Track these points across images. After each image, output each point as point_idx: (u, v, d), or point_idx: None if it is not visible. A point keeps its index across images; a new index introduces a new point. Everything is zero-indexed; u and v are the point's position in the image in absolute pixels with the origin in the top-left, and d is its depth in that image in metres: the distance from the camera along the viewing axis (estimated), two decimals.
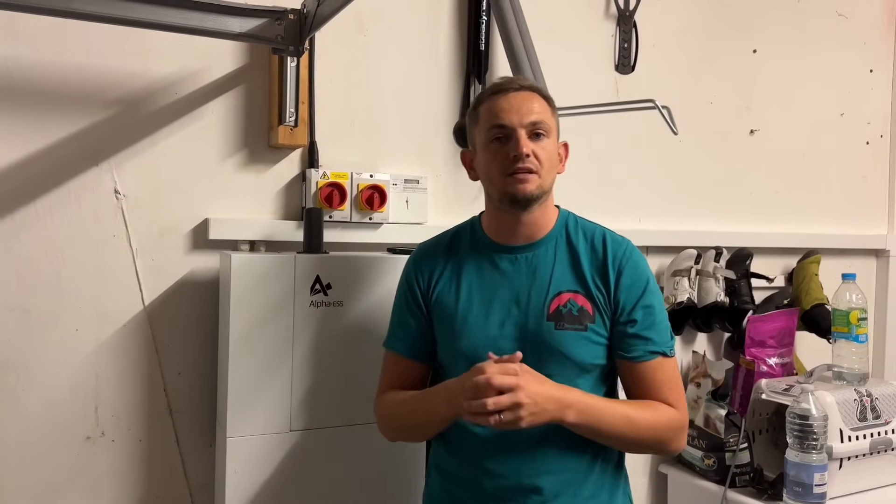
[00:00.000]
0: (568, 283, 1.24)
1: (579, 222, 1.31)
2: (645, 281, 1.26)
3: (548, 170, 1.22)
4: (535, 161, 1.20)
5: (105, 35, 1.46)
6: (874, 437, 1.77)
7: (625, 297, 1.24)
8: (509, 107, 1.21)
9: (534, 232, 1.27)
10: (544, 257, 1.26)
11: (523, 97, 1.22)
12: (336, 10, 1.30)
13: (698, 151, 2.15)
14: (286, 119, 1.53)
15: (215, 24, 1.36)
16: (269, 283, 1.40)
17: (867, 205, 2.48)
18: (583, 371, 1.23)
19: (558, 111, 1.30)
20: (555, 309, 1.22)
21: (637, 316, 1.23)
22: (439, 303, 1.28)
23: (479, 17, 1.80)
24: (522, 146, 1.19)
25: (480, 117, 1.25)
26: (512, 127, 1.20)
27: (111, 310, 1.50)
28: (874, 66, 2.46)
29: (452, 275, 1.29)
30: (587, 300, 1.23)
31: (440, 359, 1.32)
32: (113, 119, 1.49)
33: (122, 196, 1.50)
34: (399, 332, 1.33)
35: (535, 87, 1.26)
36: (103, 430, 1.50)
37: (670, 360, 1.25)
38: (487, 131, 1.23)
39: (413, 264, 1.34)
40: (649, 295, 1.25)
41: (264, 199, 1.62)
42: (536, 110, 1.21)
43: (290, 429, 1.42)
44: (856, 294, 1.88)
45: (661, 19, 2.07)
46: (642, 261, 1.28)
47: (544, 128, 1.22)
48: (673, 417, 1.23)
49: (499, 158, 1.21)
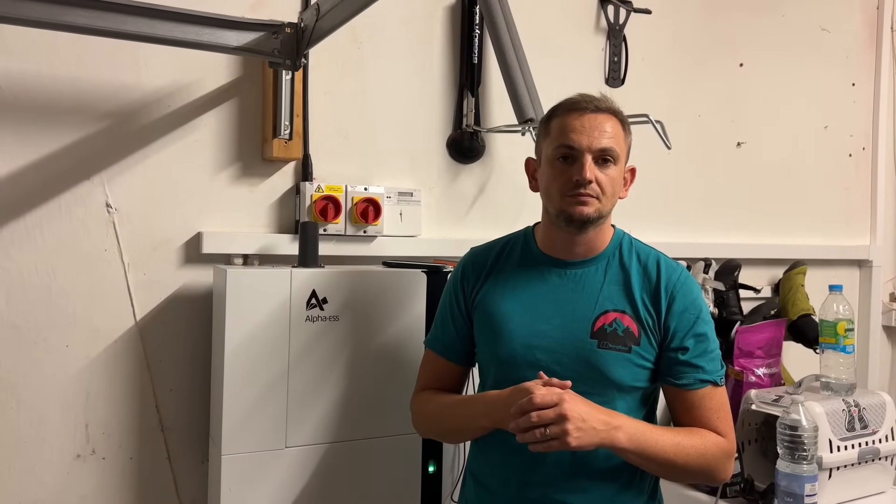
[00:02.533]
0: (616, 302, 1.22)
1: (634, 244, 1.29)
2: (698, 309, 1.23)
3: (609, 196, 1.20)
4: (596, 188, 1.18)
5: (97, 47, 1.44)
6: (862, 447, 1.78)
7: (676, 323, 1.21)
8: (581, 128, 1.17)
9: (587, 250, 1.25)
10: (594, 275, 1.24)
11: (598, 120, 1.18)
12: (336, 26, 1.30)
13: (686, 164, 2.16)
14: (280, 132, 1.52)
15: (212, 37, 1.34)
16: (264, 297, 1.39)
17: (850, 216, 2.50)
18: (621, 392, 1.20)
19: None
20: (599, 327, 1.20)
21: (689, 343, 1.20)
22: (482, 307, 1.27)
23: (472, 31, 1.80)
24: (587, 172, 1.16)
25: (551, 132, 1.21)
26: (580, 150, 1.17)
27: (102, 325, 1.48)
28: (856, 79, 2.49)
29: (498, 281, 1.28)
30: (634, 321, 1.21)
31: (479, 361, 1.32)
32: (105, 132, 1.47)
33: (113, 210, 1.48)
34: (440, 332, 1.33)
35: (612, 109, 1.21)
36: (94, 448, 1.47)
37: (720, 389, 1.22)
38: (555, 149, 1.20)
39: (462, 269, 1.34)
40: (702, 323, 1.22)
41: (258, 213, 1.60)
42: (609, 135, 1.18)
43: (285, 445, 1.40)
44: (843, 305, 1.89)
45: (650, 33, 2.09)
46: (697, 288, 1.26)
47: (613, 154, 1.19)
48: (721, 446, 1.20)
49: (561, 179, 1.19)
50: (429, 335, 1.36)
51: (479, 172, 1.86)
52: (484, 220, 1.87)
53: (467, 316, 1.31)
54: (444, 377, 1.33)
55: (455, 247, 1.70)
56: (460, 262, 1.36)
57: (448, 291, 1.35)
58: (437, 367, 1.34)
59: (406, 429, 1.49)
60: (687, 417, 1.22)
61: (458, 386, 1.35)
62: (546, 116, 1.25)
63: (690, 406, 1.21)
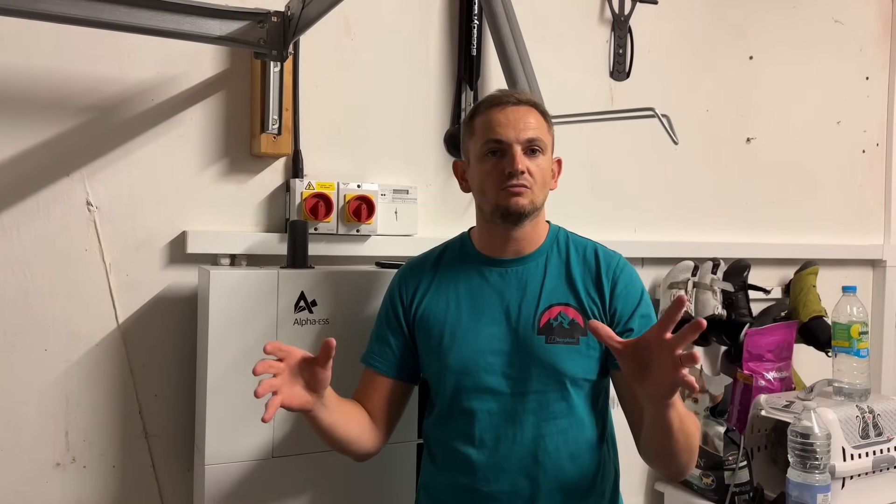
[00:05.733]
0: (559, 296, 1.22)
1: (570, 237, 1.30)
2: (640, 291, 1.25)
3: (541, 186, 1.21)
4: (529, 178, 1.18)
5: (77, 38, 1.39)
6: (877, 455, 1.73)
7: (621, 307, 1.22)
8: (506, 121, 1.19)
9: (524, 246, 1.25)
10: (534, 271, 1.25)
11: (521, 112, 1.20)
12: (322, 13, 1.24)
13: (694, 160, 2.11)
14: (269, 127, 1.46)
15: (193, 26, 1.28)
16: (250, 299, 1.33)
17: (863, 214, 2.45)
18: (576, 387, 1.20)
19: (555, 119, 1.28)
20: (545, 322, 1.20)
21: (634, 325, 1.21)
22: (425, 319, 1.25)
23: (470, 22, 1.75)
24: (518, 163, 1.17)
25: (476, 130, 1.23)
26: (508, 142, 1.18)
27: (83, 329, 1.42)
28: (870, 73, 2.44)
29: (440, 290, 1.27)
30: (579, 313, 1.21)
31: (426, 376, 1.29)
32: (85, 126, 1.42)
33: (94, 208, 1.43)
34: (376, 346, 1.29)
35: (532, 101, 1.24)
36: (74, 456, 1.42)
37: None
38: (483, 145, 1.21)
39: (398, 280, 1.32)
40: (645, 305, 1.24)
41: (246, 211, 1.55)
42: (533, 126, 1.20)
43: (272, 455, 1.35)
44: (857, 307, 1.84)
45: (657, 25, 2.04)
46: (635, 273, 1.28)
47: (540, 144, 1.20)
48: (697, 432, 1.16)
49: (493, 173, 1.19)
50: (364, 353, 1.30)
51: None
52: None
53: (408, 331, 1.27)
54: (375, 394, 1.26)
55: None
56: (395, 275, 1.33)
57: (385, 306, 1.31)
58: (368, 384, 1.27)
59: (399, 437, 1.43)
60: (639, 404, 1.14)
61: (386, 404, 1.26)
62: (468, 116, 1.27)
63: None
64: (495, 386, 1.19)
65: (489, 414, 1.20)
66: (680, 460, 1.12)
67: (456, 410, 1.22)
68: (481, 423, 1.20)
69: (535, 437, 1.19)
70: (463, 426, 1.21)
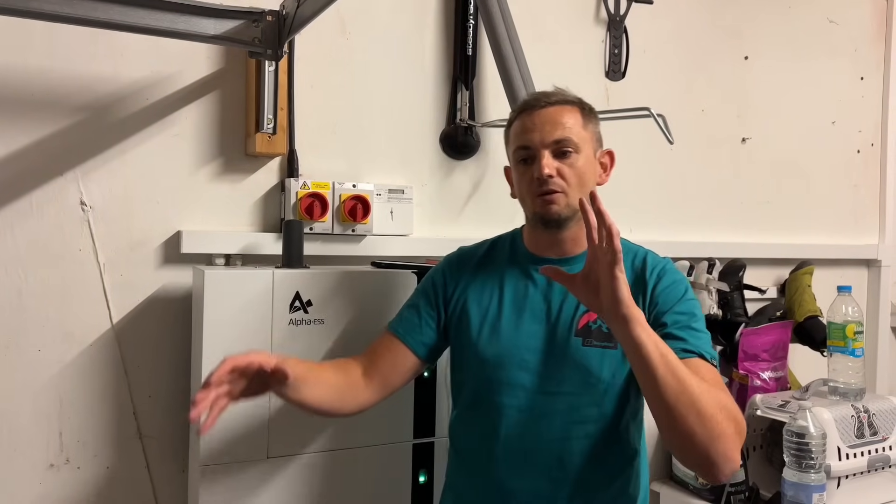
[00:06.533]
0: None
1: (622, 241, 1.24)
2: (682, 292, 1.19)
3: (577, 186, 1.17)
4: (560, 181, 1.16)
5: (71, 37, 1.38)
6: (872, 455, 1.73)
7: (661, 302, 1.17)
8: (533, 126, 1.18)
9: (570, 247, 1.23)
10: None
11: (550, 114, 1.18)
12: (317, 12, 1.23)
13: (690, 160, 2.11)
14: (264, 126, 1.46)
15: (188, 25, 1.28)
16: (245, 299, 1.32)
17: (858, 214, 2.45)
18: (608, 392, 1.17)
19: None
20: (584, 324, 1.18)
21: (669, 319, 1.15)
22: (466, 309, 1.24)
23: (466, 21, 1.74)
24: (544, 167, 1.15)
25: (511, 138, 1.23)
26: (535, 147, 1.17)
27: (76, 329, 1.41)
28: (865, 73, 2.43)
29: (486, 282, 1.26)
30: None
31: (456, 363, 1.27)
32: (79, 126, 1.41)
33: (88, 208, 1.42)
34: (404, 312, 1.28)
35: (565, 99, 1.20)
36: (68, 457, 1.41)
37: (712, 367, 1.10)
38: (514, 152, 1.21)
39: (446, 263, 1.32)
40: (687, 304, 1.17)
41: (241, 211, 1.54)
42: (563, 126, 1.17)
43: (267, 456, 1.34)
44: (852, 307, 1.84)
45: (652, 25, 2.03)
46: (681, 276, 1.23)
47: (571, 144, 1.17)
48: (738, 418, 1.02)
49: (526, 179, 1.19)
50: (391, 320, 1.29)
51: (473, 169, 1.80)
52: (479, 218, 1.81)
53: (443, 311, 1.27)
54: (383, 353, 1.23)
55: (448, 246, 1.61)
56: (446, 257, 1.33)
57: (427, 281, 1.31)
58: (381, 343, 1.25)
59: (395, 437, 1.44)
60: None
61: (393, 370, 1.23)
62: (507, 124, 1.26)
63: None
64: (526, 383, 1.18)
65: (517, 410, 1.18)
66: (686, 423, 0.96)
67: (483, 403, 1.21)
68: (508, 418, 1.18)
69: (561, 439, 1.16)
70: (489, 420, 1.20)
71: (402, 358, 1.25)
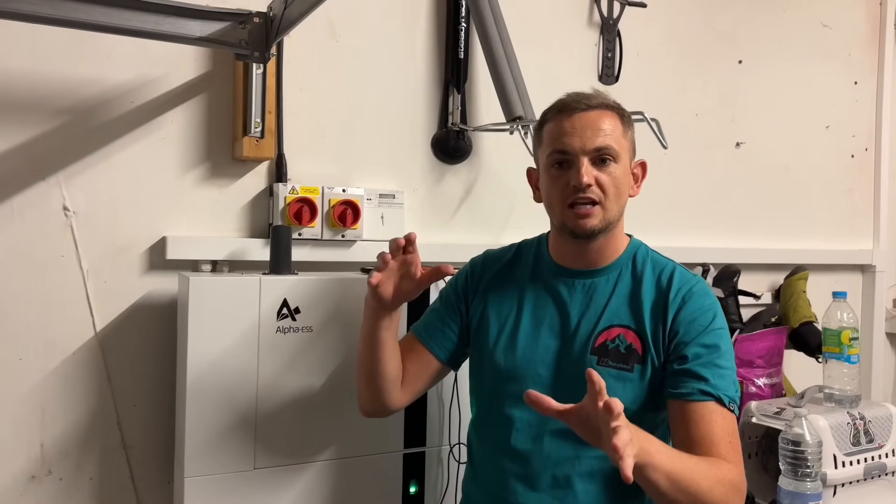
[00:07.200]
0: (622, 317, 1.15)
1: (650, 256, 1.22)
2: (709, 320, 1.12)
3: (614, 198, 1.13)
4: (597, 191, 1.11)
5: (54, 39, 1.36)
6: (868, 462, 1.71)
7: (682, 332, 1.11)
8: (573, 129, 1.11)
9: (596, 259, 1.19)
10: (603, 287, 1.18)
11: (591, 118, 1.12)
12: (305, 13, 1.21)
13: (683, 165, 2.09)
14: (251, 130, 1.43)
15: (173, 27, 1.25)
16: (230, 307, 1.30)
17: (853, 219, 2.44)
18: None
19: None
20: (601, 343, 1.14)
21: (690, 352, 1.10)
22: (486, 315, 1.22)
23: (458, 24, 1.72)
24: (583, 175, 1.10)
25: (544, 139, 1.16)
26: (574, 153, 1.11)
27: (59, 337, 1.39)
28: (859, 77, 2.42)
29: (507, 290, 1.23)
30: (639, 339, 1.13)
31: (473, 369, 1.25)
32: (62, 129, 1.39)
33: (71, 213, 1.39)
34: (429, 316, 1.27)
35: (606, 104, 1.15)
36: (50, 468, 1.38)
37: (728, 414, 1.09)
38: (549, 155, 1.14)
39: (471, 265, 1.29)
40: (713, 335, 1.11)
41: (228, 216, 1.52)
42: (604, 133, 1.11)
43: (254, 467, 1.31)
44: (847, 313, 1.82)
45: (646, 28, 2.02)
46: (711, 300, 1.15)
47: (611, 153, 1.12)
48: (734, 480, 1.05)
49: (558, 186, 1.13)
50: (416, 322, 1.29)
51: (465, 173, 1.78)
52: (471, 223, 1.79)
53: (464, 311, 1.25)
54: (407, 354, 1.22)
55: (440, 252, 1.61)
56: (472, 259, 1.31)
57: (451, 283, 1.29)
58: (405, 346, 1.24)
59: (385, 447, 1.41)
60: (685, 438, 1.08)
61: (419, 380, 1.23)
62: (539, 123, 1.19)
63: (689, 423, 1.07)
64: None
65: (528, 425, 1.15)
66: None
67: (495, 415, 1.18)
68: (519, 432, 1.15)
69: (570, 459, 1.12)
70: (500, 434, 1.17)
71: (425, 361, 1.23)
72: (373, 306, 1.15)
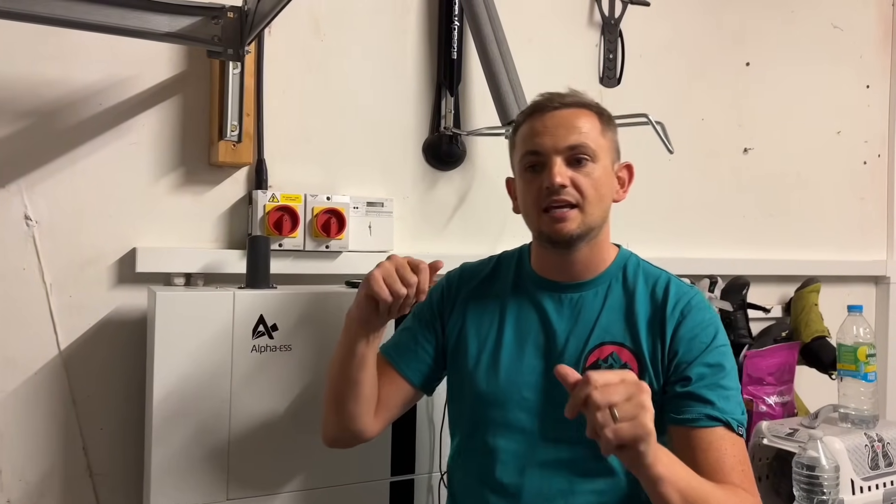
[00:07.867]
0: (614, 333, 1.08)
1: (642, 266, 1.14)
2: (711, 336, 1.06)
3: (594, 201, 1.05)
4: (574, 193, 1.04)
5: (14, 35, 1.28)
6: (888, 488, 1.63)
7: (683, 351, 1.04)
8: (545, 129, 1.05)
9: (580, 271, 1.11)
10: (591, 301, 1.10)
11: (564, 116, 1.06)
12: (277, 6, 1.12)
13: (689, 171, 2.03)
14: (227, 133, 1.36)
15: (140, 22, 1.17)
16: (201, 323, 1.21)
17: (865, 228, 2.37)
18: None
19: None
20: (593, 362, 1.06)
21: (695, 373, 1.03)
22: (464, 335, 1.13)
23: (450, 23, 1.67)
24: (556, 175, 1.02)
25: (517, 143, 1.10)
26: (546, 153, 1.05)
27: (20, 355, 1.32)
28: (871, 81, 2.36)
29: (486, 307, 1.15)
30: (634, 357, 1.06)
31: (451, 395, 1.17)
32: (24, 133, 1.32)
33: (33, 223, 1.32)
34: (399, 336, 1.19)
35: (581, 102, 1.09)
36: (8, 499, 1.31)
37: (737, 438, 1.02)
38: (521, 158, 1.08)
39: (447, 280, 1.20)
40: (716, 353, 1.05)
41: (203, 226, 1.44)
42: (578, 131, 1.05)
43: (227, 497, 1.23)
44: (863, 328, 1.74)
45: (649, 29, 1.95)
46: (710, 314, 1.09)
47: (587, 151, 1.05)
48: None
49: (533, 190, 1.06)
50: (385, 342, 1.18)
51: (458, 180, 1.71)
52: (465, 232, 1.72)
53: (440, 331, 1.16)
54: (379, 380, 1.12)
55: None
56: (447, 274, 1.21)
57: (426, 300, 1.17)
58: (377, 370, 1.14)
59: (370, 475, 1.33)
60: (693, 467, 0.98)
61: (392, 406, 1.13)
62: (513, 128, 1.12)
63: (696, 451, 0.99)
64: (526, 425, 1.06)
65: (515, 456, 1.06)
66: None
67: (478, 446, 1.10)
68: (504, 464, 1.06)
69: (564, 493, 1.04)
70: (484, 466, 1.08)
71: (396, 385, 1.14)
72: (361, 318, 1.04)
